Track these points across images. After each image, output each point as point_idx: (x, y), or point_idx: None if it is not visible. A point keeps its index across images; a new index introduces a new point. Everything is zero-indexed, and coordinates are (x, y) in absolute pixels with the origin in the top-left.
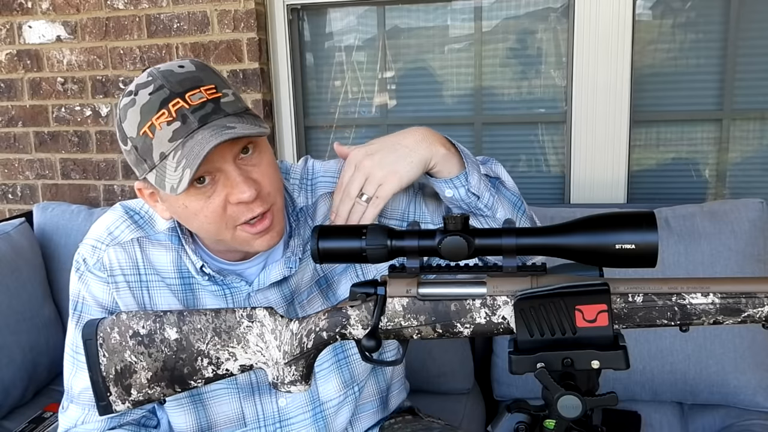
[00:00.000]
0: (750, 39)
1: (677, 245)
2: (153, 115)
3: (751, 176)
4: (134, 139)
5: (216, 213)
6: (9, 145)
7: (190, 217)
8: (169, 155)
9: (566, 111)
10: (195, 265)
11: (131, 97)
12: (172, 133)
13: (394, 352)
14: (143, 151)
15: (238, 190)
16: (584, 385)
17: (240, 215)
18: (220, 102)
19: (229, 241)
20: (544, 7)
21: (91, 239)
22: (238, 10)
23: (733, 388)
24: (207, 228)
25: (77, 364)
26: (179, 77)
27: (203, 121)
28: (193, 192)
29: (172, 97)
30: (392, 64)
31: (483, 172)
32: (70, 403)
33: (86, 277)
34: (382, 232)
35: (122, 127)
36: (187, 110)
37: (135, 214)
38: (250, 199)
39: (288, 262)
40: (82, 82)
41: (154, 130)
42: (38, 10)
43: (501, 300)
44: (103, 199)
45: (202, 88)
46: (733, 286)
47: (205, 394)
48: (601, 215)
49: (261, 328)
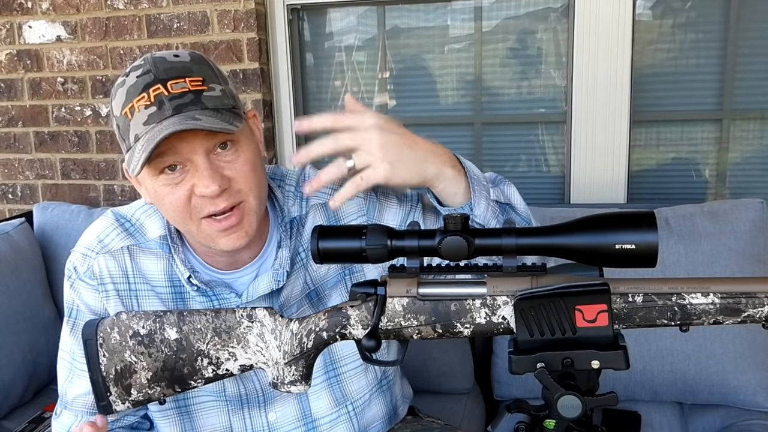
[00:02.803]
0: (750, 39)
1: (677, 245)
2: (135, 97)
3: (751, 176)
4: (118, 118)
5: (180, 201)
6: (9, 145)
7: (159, 202)
8: (141, 138)
9: (566, 111)
10: (182, 276)
11: (124, 77)
12: (147, 117)
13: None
14: (123, 131)
15: (202, 183)
16: (584, 385)
17: (203, 207)
18: (201, 95)
19: (195, 234)
20: (544, 7)
21: (82, 247)
22: (238, 10)
23: (733, 388)
24: (173, 215)
25: (73, 370)
26: (168, 65)
27: (177, 111)
28: (163, 178)
29: (154, 83)
30: (392, 64)
31: (493, 197)
32: (64, 409)
33: (77, 285)
34: (382, 232)
35: (111, 105)
36: (165, 97)
37: (126, 221)
38: (212, 194)
39: (276, 275)
40: (82, 82)
41: (133, 111)
42: (38, 10)
43: (501, 300)
44: (103, 199)
45: (188, 79)
46: (733, 286)
47: (193, 406)
48: (601, 215)
49: (261, 328)
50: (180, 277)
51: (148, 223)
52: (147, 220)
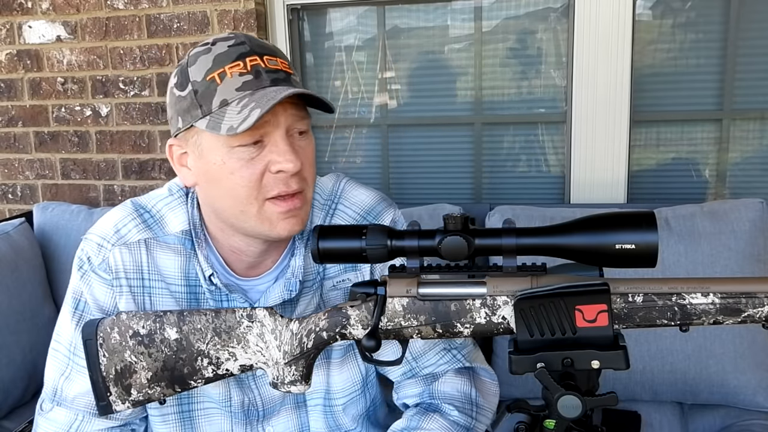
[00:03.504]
0: (750, 39)
1: (677, 245)
2: (227, 64)
3: (751, 176)
4: (197, 83)
5: (252, 177)
6: (9, 145)
7: (223, 177)
8: (232, 103)
9: (566, 111)
10: (204, 273)
11: (207, 46)
12: (241, 84)
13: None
14: (202, 96)
15: (284, 158)
16: (584, 385)
17: (274, 186)
18: (291, 77)
19: (253, 216)
20: (544, 7)
21: (97, 236)
22: (238, 10)
23: (733, 388)
24: (237, 193)
25: (72, 366)
26: (260, 42)
27: (275, 83)
28: (239, 151)
29: (250, 54)
30: (392, 64)
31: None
32: (57, 405)
33: (89, 277)
34: (382, 232)
35: (187, 71)
36: (262, 68)
37: (145, 212)
38: (293, 170)
39: (288, 284)
40: (82, 82)
41: (223, 77)
42: (38, 10)
43: (501, 300)
44: (103, 199)
45: (279, 60)
46: (733, 286)
47: (196, 412)
48: (601, 215)
49: (261, 328)
50: (199, 275)
51: (169, 216)
52: (169, 213)
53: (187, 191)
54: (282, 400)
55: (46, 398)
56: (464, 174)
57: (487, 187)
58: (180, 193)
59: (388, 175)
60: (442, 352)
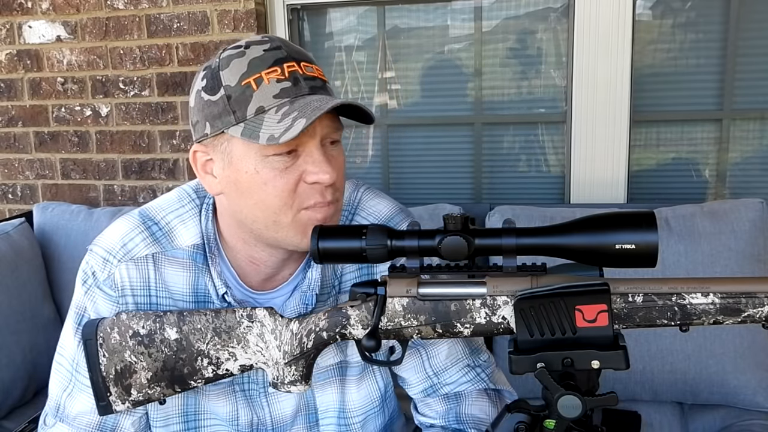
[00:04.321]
0: (750, 39)
1: (677, 245)
2: (263, 69)
3: (751, 176)
4: (231, 87)
5: (287, 187)
6: (9, 145)
7: (255, 187)
8: (269, 110)
9: (566, 111)
10: (217, 291)
11: (240, 49)
12: (279, 90)
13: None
14: (236, 102)
15: (320, 169)
16: (584, 385)
17: (310, 197)
18: (326, 84)
19: (286, 226)
20: (544, 7)
21: (102, 249)
22: (238, 10)
23: (733, 388)
24: (270, 202)
25: (75, 383)
26: (296, 48)
27: (314, 92)
28: (273, 160)
29: (288, 59)
30: (392, 64)
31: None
32: (59, 422)
33: (94, 293)
34: (382, 232)
35: (219, 75)
36: (300, 75)
37: (153, 224)
38: (329, 182)
39: (304, 298)
40: (82, 82)
41: (260, 83)
42: (38, 10)
43: (501, 300)
44: (103, 199)
45: (314, 67)
46: (733, 286)
47: (202, 429)
48: (601, 215)
49: (261, 328)
50: (211, 292)
51: (179, 229)
52: (179, 226)
53: (201, 202)
54: (293, 420)
55: (49, 412)
56: (464, 174)
57: (487, 187)
58: (192, 205)
59: (388, 175)
60: (465, 368)
